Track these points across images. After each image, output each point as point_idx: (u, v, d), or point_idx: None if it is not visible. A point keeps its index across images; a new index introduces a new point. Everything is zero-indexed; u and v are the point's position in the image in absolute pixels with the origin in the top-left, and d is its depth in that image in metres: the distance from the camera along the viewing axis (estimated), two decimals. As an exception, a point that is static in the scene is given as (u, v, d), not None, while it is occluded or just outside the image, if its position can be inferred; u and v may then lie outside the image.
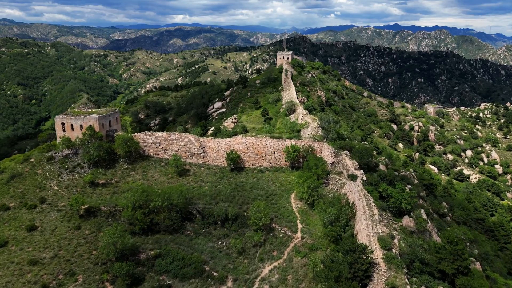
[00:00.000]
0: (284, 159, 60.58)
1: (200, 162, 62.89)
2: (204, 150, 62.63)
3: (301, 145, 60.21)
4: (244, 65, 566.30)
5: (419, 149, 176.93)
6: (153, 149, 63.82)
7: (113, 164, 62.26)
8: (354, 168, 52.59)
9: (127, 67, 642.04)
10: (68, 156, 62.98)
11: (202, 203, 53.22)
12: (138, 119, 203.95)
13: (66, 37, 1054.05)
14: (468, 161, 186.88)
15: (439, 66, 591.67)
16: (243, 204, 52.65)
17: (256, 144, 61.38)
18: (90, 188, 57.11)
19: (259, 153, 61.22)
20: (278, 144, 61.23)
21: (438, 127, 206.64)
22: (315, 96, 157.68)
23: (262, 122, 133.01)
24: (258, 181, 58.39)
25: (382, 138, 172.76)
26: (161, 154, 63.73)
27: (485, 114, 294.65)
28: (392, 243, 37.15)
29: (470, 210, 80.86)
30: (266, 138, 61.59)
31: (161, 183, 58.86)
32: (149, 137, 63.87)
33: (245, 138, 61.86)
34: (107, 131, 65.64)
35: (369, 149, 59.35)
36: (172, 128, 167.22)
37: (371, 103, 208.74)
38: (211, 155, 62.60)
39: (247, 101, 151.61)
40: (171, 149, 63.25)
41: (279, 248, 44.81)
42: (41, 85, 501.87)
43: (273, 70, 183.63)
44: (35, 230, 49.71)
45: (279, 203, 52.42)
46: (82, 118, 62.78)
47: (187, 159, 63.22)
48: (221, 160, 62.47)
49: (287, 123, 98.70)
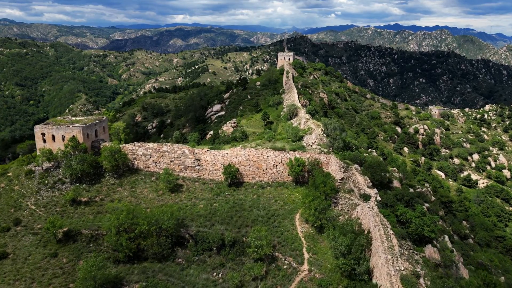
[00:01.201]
0: (287, 173, 54.62)
1: (195, 176, 56.96)
2: (199, 163, 56.75)
3: (306, 158, 54.25)
4: (244, 65, 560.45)
5: (425, 153, 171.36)
6: (143, 161, 57.94)
7: (99, 179, 56.33)
8: (366, 186, 46.74)
9: (127, 67, 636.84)
10: (49, 170, 57.07)
11: (195, 226, 47.30)
12: (135, 121, 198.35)
13: (66, 37, 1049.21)
14: (475, 165, 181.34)
15: (440, 66, 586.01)
16: (242, 226, 46.73)
17: (256, 157, 55.44)
18: (71, 207, 51.17)
19: (260, 167, 55.33)
20: (280, 156, 55.27)
21: (443, 130, 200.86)
22: (317, 98, 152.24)
23: (262, 127, 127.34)
24: (258, 198, 52.43)
25: (387, 142, 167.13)
26: (151, 167, 57.85)
27: (489, 116, 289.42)
28: (418, 284, 31.33)
29: (489, 226, 75.01)
30: (267, 150, 55.60)
31: (151, 200, 52.95)
32: (139, 148, 57.94)
33: (244, 150, 55.89)
34: (93, 142, 59.72)
35: (382, 163, 53.32)
36: (170, 132, 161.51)
37: (375, 105, 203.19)
38: (207, 169, 56.71)
39: (247, 104, 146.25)
40: (162, 161, 57.35)
41: (283, 283, 38.79)
42: (40, 86, 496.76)
43: (273, 71, 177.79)
44: (6, 258, 43.80)
45: (282, 225, 46.47)
46: (64, 128, 56.85)
47: (180, 172, 57.26)
48: (217, 174, 56.56)
49: (289, 128, 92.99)
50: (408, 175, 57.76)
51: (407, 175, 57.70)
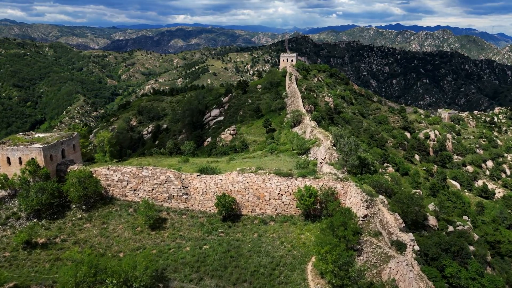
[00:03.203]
0: (295, 205, 44.11)
1: (182, 206, 46.48)
2: (186, 190, 46.30)
3: (319, 186, 43.77)
4: (245, 65, 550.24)
5: (436, 161, 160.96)
6: (119, 189, 47.53)
7: (63, 212, 45.82)
8: (398, 229, 36.29)
9: (126, 68, 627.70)
10: (3, 200, 46.66)
11: (179, 280, 36.79)
12: (130, 126, 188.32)
13: (67, 37, 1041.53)
14: (490, 173, 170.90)
15: (444, 67, 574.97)
16: (238, 282, 36.12)
17: (257, 184, 44.93)
18: (24, 252, 40.59)
19: (261, 196, 44.88)
20: (286, 184, 44.74)
21: (454, 135, 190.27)
22: (322, 102, 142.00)
23: (264, 134, 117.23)
24: (259, 238, 41.81)
25: (397, 149, 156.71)
26: (129, 195, 47.43)
27: (499, 119, 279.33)
28: None
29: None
30: (270, 176, 45.00)
31: (126, 241, 42.41)
32: (114, 173, 47.44)
33: (243, 175, 45.30)
34: (58, 164, 49.23)
35: (416, 196, 42.48)
36: (165, 138, 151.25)
37: (382, 109, 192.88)
38: (196, 198, 46.27)
39: (247, 109, 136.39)
40: (142, 189, 46.90)
41: None
42: (37, 87, 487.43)
43: (275, 73, 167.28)
44: None
45: (291, 281, 35.83)
46: (22, 148, 46.38)
47: (164, 202, 46.79)
48: (209, 204, 46.09)
49: (293, 138, 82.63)
50: (443, 206, 47.42)
51: (442, 206, 47.23)
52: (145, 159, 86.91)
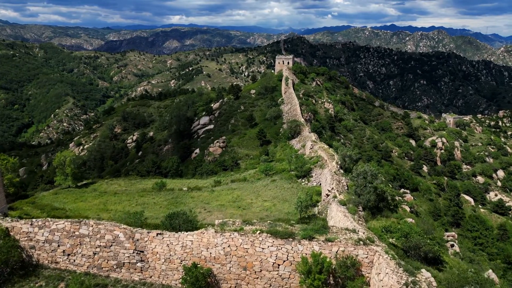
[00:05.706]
0: (299, 282, 30.70)
1: (136, 279, 32.89)
2: (142, 256, 32.84)
3: (333, 253, 30.42)
4: (240, 67, 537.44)
5: (445, 171, 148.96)
6: (48, 253, 33.85)
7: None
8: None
9: (118, 69, 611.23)
10: None
11: None
12: (114, 133, 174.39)
13: (60, 38, 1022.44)
14: (502, 184, 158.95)
15: (441, 68, 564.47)
16: None
17: (243, 249, 31.02)
18: None
19: (249, 267, 31.17)
20: (285, 249, 31.12)
21: (462, 142, 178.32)
22: (322, 109, 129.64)
23: (257, 147, 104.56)
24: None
25: (402, 159, 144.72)
26: (62, 262, 33.74)
27: (504, 123, 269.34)
28: None
29: None
30: (262, 236, 31.38)
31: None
32: (40, 230, 33.57)
33: (222, 235, 31.64)
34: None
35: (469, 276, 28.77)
36: (150, 148, 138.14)
37: (384, 114, 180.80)
38: (156, 267, 32.71)
39: (240, 117, 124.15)
40: (80, 253, 33.45)
41: None
42: (25, 89, 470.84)
43: (270, 77, 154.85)
44: None
45: None
46: None
47: (111, 272, 33.24)
48: (174, 276, 32.49)
49: (292, 156, 70.08)
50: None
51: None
52: (116, 181, 73.42)
